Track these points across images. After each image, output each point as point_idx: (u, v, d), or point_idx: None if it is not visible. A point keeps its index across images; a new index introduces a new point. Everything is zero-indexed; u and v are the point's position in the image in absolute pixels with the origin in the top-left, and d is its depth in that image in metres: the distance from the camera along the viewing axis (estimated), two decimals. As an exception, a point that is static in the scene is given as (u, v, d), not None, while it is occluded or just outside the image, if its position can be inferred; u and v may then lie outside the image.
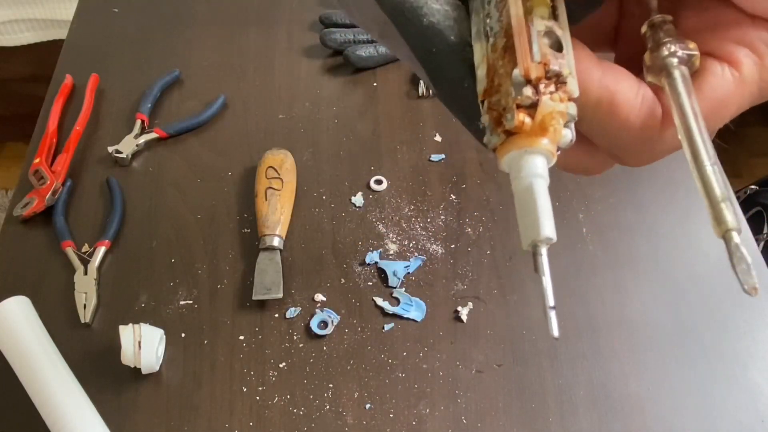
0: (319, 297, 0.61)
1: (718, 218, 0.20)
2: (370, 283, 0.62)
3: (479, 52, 0.23)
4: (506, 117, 0.21)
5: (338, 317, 0.59)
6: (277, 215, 0.64)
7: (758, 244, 0.67)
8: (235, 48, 0.82)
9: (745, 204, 1.33)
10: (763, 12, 0.21)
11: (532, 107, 0.21)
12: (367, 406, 0.55)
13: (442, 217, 0.66)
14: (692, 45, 0.22)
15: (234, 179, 0.69)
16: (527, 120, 0.21)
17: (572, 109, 0.21)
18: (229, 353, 0.58)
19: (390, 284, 0.61)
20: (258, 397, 0.55)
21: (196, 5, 0.87)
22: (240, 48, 0.82)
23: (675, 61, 0.22)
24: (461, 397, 0.55)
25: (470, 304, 0.60)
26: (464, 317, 0.59)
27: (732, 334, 0.59)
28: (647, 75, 0.23)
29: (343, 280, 0.62)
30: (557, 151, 0.21)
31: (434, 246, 0.64)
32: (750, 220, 1.27)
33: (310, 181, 0.69)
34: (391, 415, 0.54)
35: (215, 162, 0.71)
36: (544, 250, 0.21)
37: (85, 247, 0.64)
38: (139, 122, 0.73)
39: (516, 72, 0.21)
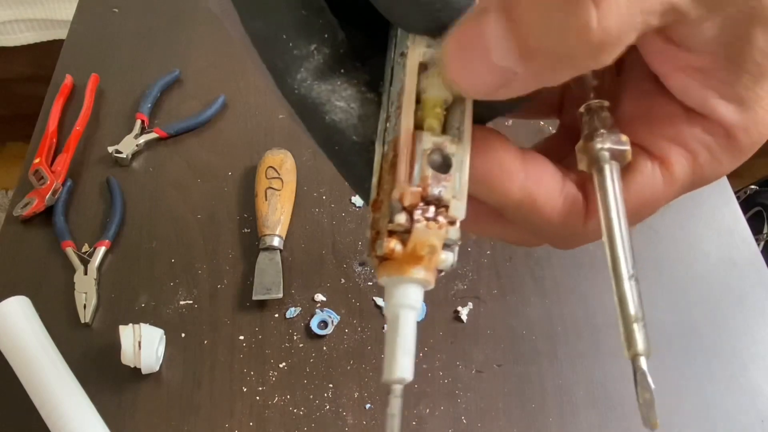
0: (319, 297, 0.61)
1: (628, 340, 0.19)
2: (370, 283, 0.62)
3: (377, 157, 0.21)
4: (377, 243, 0.20)
5: (338, 317, 0.59)
6: (277, 215, 0.64)
7: (758, 244, 0.67)
8: (235, 48, 0.82)
9: (745, 204, 1.33)
10: (696, 105, 0.20)
11: (406, 233, 0.19)
12: (367, 406, 0.55)
13: (442, 217, 0.66)
14: (625, 138, 0.21)
15: (234, 179, 0.69)
16: (398, 248, 0.19)
17: (453, 233, 0.20)
18: (229, 353, 0.58)
19: (390, 284, 0.61)
20: (258, 397, 0.55)
21: (196, 5, 0.87)
22: (240, 48, 0.82)
23: (606, 155, 0.21)
24: (461, 397, 0.55)
25: (470, 304, 0.60)
26: (464, 317, 0.59)
27: (732, 334, 0.59)
28: (579, 163, 0.22)
29: (343, 280, 0.62)
30: (440, 273, 0.20)
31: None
32: (750, 220, 1.27)
33: (310, 181, 0.69)
34: (391, 415, 0.54)
35: (215, 162, 0.71)
36: (398, 391, 0.20)
37: (85, 247, 0.64)
38: (139, 122, 0.73)
39: (394, 195, 0.19)
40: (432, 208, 0.19)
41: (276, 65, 0.22)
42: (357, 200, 0.67)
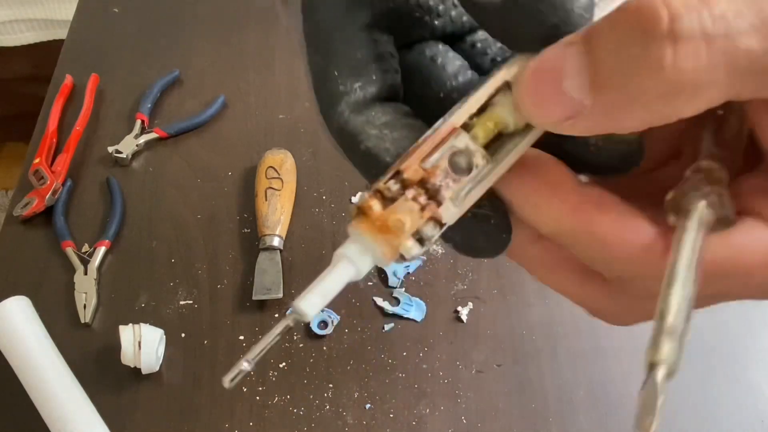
0: (319, 297, 0.60)
1: (654, 344, 0.19)
2: (370, 283, 0.62)
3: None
4: (362, 194, 0.20)
5: (338, 317, 0.59)
6: (277, 215, 0.64)
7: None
8: (235, 48, 0.82)
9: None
10: None
11: (390, 201, 0.19)
12: (367, 406, 0.55)
13: (442, 217, 0.66)
14: (729, 202, 0.19)
15: (234, 179, 0.69)
16: (375, 207, 0.19)
17: (430, 230, 0.19)
18: (229, 353, 0.58)
19: (390, 284, 0.61)
20: (258, 397, 0.55)
21: (196, 5, 0.87)
22: (240, 48, 0.82)
23: (702, 205, 0.19)
24: (461, 397, 0.55)
25: (470, 304, 0.60)
26: (464, 317, 0.59)
27: (732, 334, 0.59)
28: (667, 216, 0.20)
29: (343, 280, 0.62)
30: (401, 259, 0.20)
31: (434, 246, 0.64)
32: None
33: (310, 181, 0.69)
34: (391, 415, 0.54)
35: (215, 162, 0.71)
36: (290, 320, 0.20)
37: (85, 247, 0.64)
38: (139, 122, 0.73)
39: (400, 162, 0.20)
40: (425, 197, 0.19)
41: (323, 98, 0.24)
42: (357, 200, 0.67)
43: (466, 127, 0.20)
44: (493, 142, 0.20)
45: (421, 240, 0.19)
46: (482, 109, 0.20)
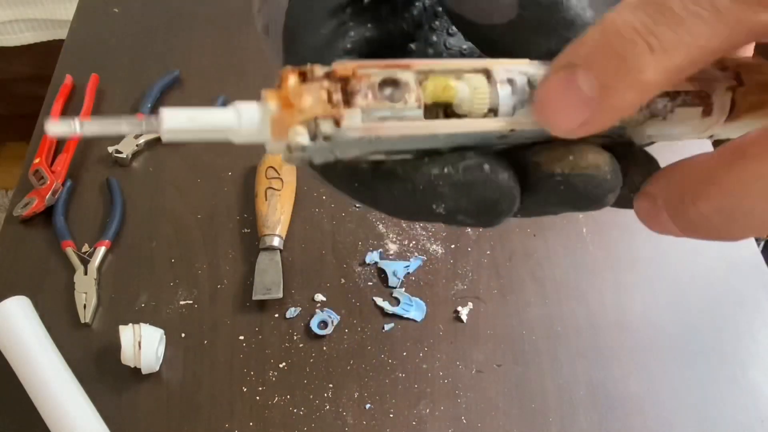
0: (319, 297, 0.61)
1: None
2: (370, 283, 0.62)
3: None
4: (285, 68, 0.19)
5: (338, 317, 0.59)
6: (277, 215, 0.64)
7: (758, 244, 0.67)
8: (235, 48, 0.82)
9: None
10: None
11: (306, 81, 0.18)
12: (367, 406, 0.55)
13: (442, 217, 0.66)
14: None
15: (234, 179, 0.69)
16: (291, 80, 0.18)
17: (326, 126, 0.18)
18: (229, 353, 0.58)
19: (390, 284, 0.61)
20: (258, 397, 0.55)
21: (196, 5, 0.87)
22: (240, 48, 0.82)
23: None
24: (461, 397, 0.55)
25: (470, 304, 0.60)
26: (464, 317, 0.59)
27: (732, 334, 0.59)
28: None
29: (343, 280, 0.62)
30: (287, 151, 0.19)
31: (434, 246, 0.64)
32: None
33: (310, 181, 0.69)
34: (391, 415, 0.54)
35: (215, 162, 0.71)
36: (144, 121, 0.17)
37: (85, 247, 0.64)
38: (139, 122, 0.73)
39: (339, 61, 0.19)
40: (340, 97, 0.18)
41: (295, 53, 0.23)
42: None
43: (420, 82, 0.19)
44: (442, 117, 0.19)
45: (314, 135, 0.18)
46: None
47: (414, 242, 0.64)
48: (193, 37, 0.83)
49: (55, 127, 0.17)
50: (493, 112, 0.19)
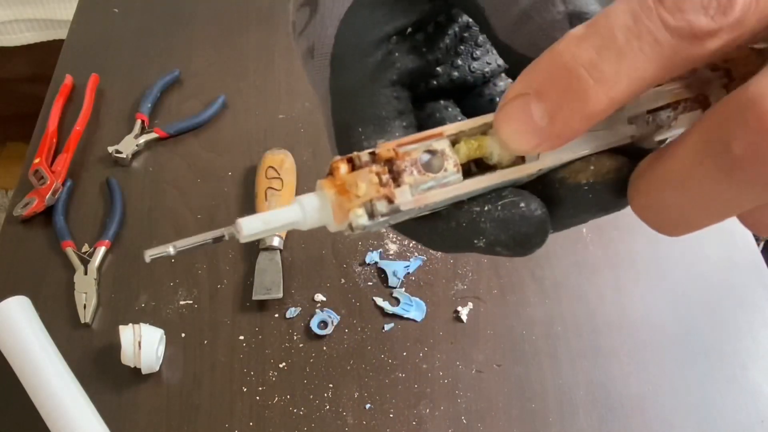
0: (319, 297, 0.61)
1: None
2: (370, 283, 0.62)
3: None
4: (336, 156, 0.21)
5: (338, 317, 0.59)
6: (277, 215, 0.63)
7: (758, 245, 0.67)
8: (235, 48, 0.82)
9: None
10: None
11: (356, 169, 0.21)
12: (367, 406, 0.55)
13: (442, 217, 0.66)
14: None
15: (234, 179, 0.69)
16: (342, 169, 0.20)
17: (381, 206, 0.20)
18: (229, 353, 0.58)
19: (390, 284, 0.61)
20: (258, 397, 0.55)
21: (196, 5, 0.87)
22: (240, 48, 0.82)
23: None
24: (461, 397, 0.55)
25: (470, 304, 0.60)
26: (464, 317, 0.59)
27: (732, 334, 0.59)
28: None
29: (343, 280, 0.62)
30: (348, 226, 0.21)
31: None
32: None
33: (310, 181, 0.69)
34: (391, 415, 0.54)
35: (215, 162, 0.71)
36: (226, 230, 0.21)
37: (85, 247, 0.64)
38: (139, 122, 0.73)
39: (380, 141, 0.21)
40: (388, 177, 0.20)
41: (344, 151, 0.24)
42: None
43: (453, 141, 0.21)
44: (476, 172, 0.22)
45: (371, 214, 0.20)
46: (473, 135, 0.22)
47: (414, 242, 0.64)
48: (193, 37, 0.83)
49: (153, 252, 0.20)
50: (521, 158, 0.22)
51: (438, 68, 0.28)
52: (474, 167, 0.22)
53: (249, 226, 0.20)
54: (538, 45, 0.23)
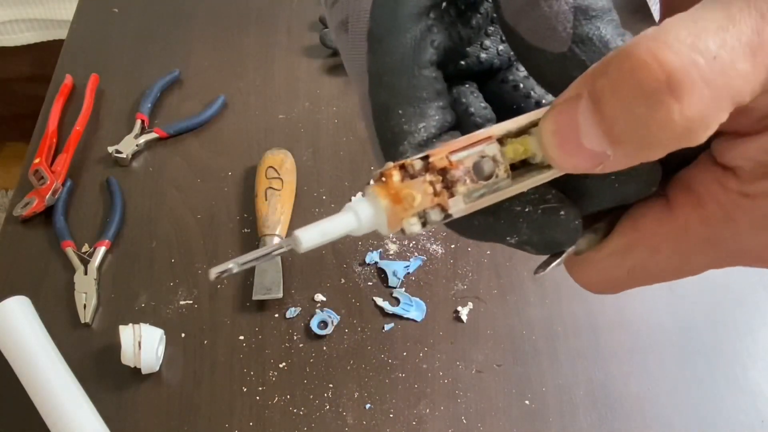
0: (319, 297, 0.61)
1: None
2: (370, 283, 0.62)
3: None
4: (388, 163, 0.21)
5: (338, 317, 0.59)
6: (277, 215, 0.64)
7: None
8: (235, 48, 0.82)
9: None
10: (728, 159, 0.20)
11: (410, 177, 0.21)
12: (367, 406, 0.55)
13: (442, 217, 0.66)
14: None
15: (234, 179, 0.69)
16: (395, 177, 0.20)
17: (435, 215, 0.21)
18: (229, 353, 0.58)
19: (390, 284, 0.61)
20: (258, 397, 0.55)
21: (196, 5, 0.87)
22: (240, 48, 0.82)
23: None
24: (461, 397, 0.55)
25: (470, 304, 0.60)
26: (464, 317, 0.59)
27: (732, 334, 0.59)
28: None
29: (343, 280, 0.62)
30: (400, 230, 0.21)
31: (434, 246, 0.64)
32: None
33: (310, 181, 0.69)
34: (391, 415, 0.54)
35: (215, 162, 0.71)
36: (285, 244, 0.21)
37: (85, 247, 0.64)
38: (139, 122, 0.73)
39: (432, 148, 0.21)
40: (441, 185, 0.21)
41: (384, 133, 0.24)
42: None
43: (500, 142, 0.21)
44: (520, 167, 0.22)
45: (424, 222, 0.21)
46: (518, 134, 0.22)
47: (414, 242, 0.64)
48: (193, 37, 0.83)
49: (217, 269, 0.20)
50: None
51: (468, 48, 0.27)
52: (518, 163, 0.22)
53: (307, 239, 0.20)
54: (537, 33, 0.23)
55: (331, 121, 0.74)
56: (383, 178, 0.21)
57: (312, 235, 0.20)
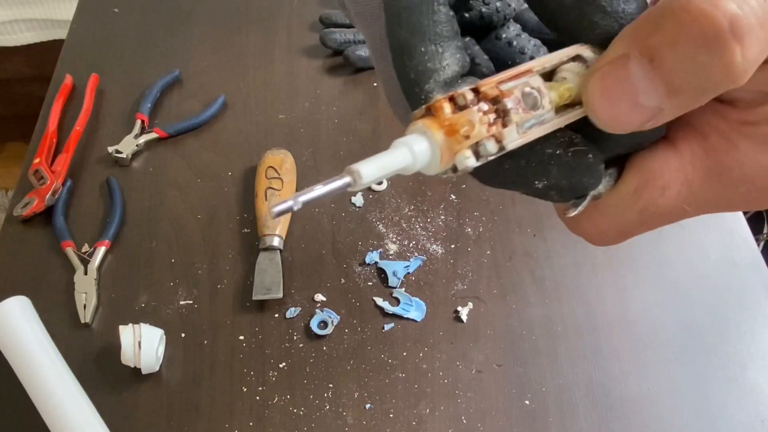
0: (319, 297, 0.61)
1: None
2: (370, 283, 0.62)
3: None
4: (436, 95, 0.20)
5: (338, 317, 0.59)
6: (277, 215, 0.63)
7: (758, 244, 0.67)
8: (235, 48, 0.82)
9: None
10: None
11: (460, 109, 0.20)
12: (367, 406, 0.55)
13: (442, 217, 0.66)
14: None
15: (234, 179, 0.69)
16: (447, 109, 0.20)
17: (490, 146, 0.20)
18: (229, 353, 0.58)
19: (390, 284, 0.61)
20: (258, 397, 0.55)
21: (196, 5, 0.87)
22: (240, 48, 0.82)
23: None
24: (461, 397, 0.55)
25: (470, 304, 0.60)
26: (464, 317, 0.59)
27: (732, 334, 0.59)
28: None
29: (343, 280, 0.62)
30: (451, 167, 0.20)
31: (434, 246, 0.64)
32: (750, 221, 1.27)
33: (310, 181, 0.69)
34: (391, 415, 0.54)
35: (215, 162, 0.71)
36: (347, 176, 0.19)
37: (85, 247, 0.64)
38: (139, 122, 0.73)
39: (481, 80, 0.21)
40: (494, 116, 0.20)
41: (407, 74, 0.24)
42: (357, 200, 0.67)
43: (547, 76, 0.21)
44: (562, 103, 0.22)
45: (477, 154, 0.20)
46: (553, 71, 0.22)
47: (414, 242, 0.64)
48: (193, 37, 0.83)
49: (280, 207, 0.19)
50: None
51: (471, 1, 0.27)
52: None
53: (367, 173, 0.19)
54: None
55: (331, 121, 0.74)
56: (431, 112, 0.20)
57: (371, 170, 0.19)
